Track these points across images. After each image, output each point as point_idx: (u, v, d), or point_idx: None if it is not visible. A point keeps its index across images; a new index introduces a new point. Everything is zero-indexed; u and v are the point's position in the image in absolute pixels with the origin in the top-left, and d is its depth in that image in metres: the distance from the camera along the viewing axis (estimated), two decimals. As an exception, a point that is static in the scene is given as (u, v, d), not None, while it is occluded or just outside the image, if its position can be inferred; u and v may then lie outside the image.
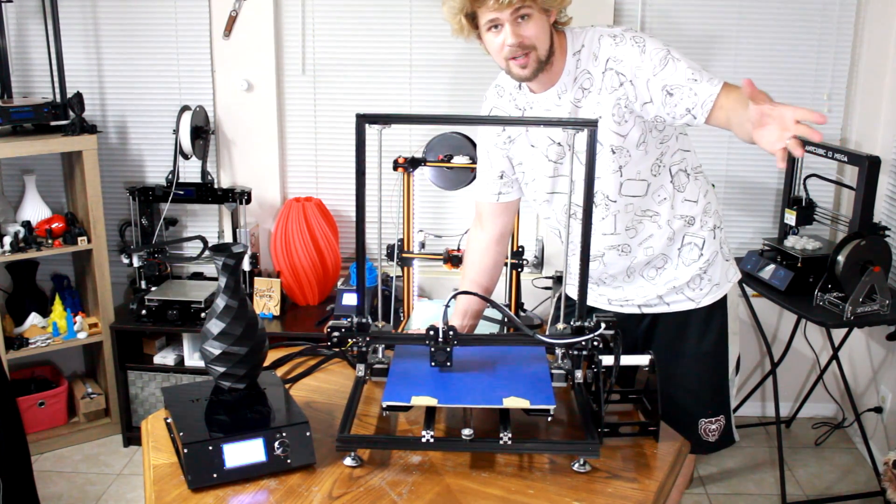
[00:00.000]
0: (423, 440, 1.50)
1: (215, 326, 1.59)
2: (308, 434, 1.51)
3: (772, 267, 2.94)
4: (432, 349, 1.66)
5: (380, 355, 1.83)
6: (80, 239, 3.18)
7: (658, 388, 1.63)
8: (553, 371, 1.74)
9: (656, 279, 1.95)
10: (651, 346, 2.01)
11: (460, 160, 2.87)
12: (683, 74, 1.68)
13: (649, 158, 1.81)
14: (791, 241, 2.98)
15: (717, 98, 1.65)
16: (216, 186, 3.34)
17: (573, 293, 2.02)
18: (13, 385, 2.93)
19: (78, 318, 3.28)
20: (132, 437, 3.32)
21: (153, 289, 3.33)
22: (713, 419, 2.03)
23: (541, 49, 1.72)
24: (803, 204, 3.02)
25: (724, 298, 1.99)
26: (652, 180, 1.84)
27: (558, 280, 3.30)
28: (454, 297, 1.79)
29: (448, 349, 1.66)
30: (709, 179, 1.99)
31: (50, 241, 3.14)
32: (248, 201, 3.34)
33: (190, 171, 3.32)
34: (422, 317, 2.84)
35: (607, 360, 1.62)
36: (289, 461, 1.49)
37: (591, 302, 2.01)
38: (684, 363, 1.98)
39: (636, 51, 1.71)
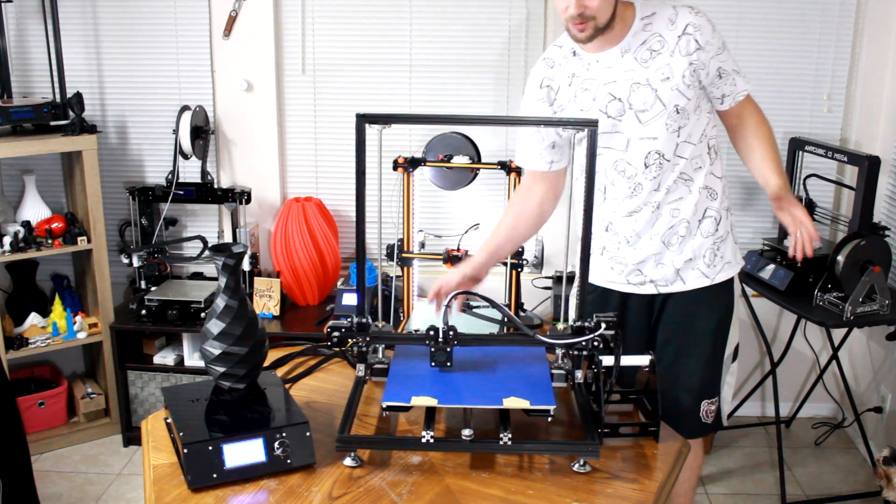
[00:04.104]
0: (423, 440, 1.50)
1: (215, 326, 1.59)
2: (308, 434, 1.51)
3: (772, 267, 2.94)
4: (432, 349, 1.66)
5: (380, 355, 1.83)
6: (79, 239, 3.18)
7: (658, 388, 1.63)
8: (553, 371, 1.74)
9: (675, 247, 2.00)
10: (663, 326, 2.09)
11: (460, 160, 2.87)
12: (731, 65, 1.94)
13: (700, 125, 1.95)
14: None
15: (746, 97, 1.97)
16: (216, 186, 3.34)
17: (594, 277, 2.10)
18: (13, 385, 2.93)
19: (78, 318, 3.28)
20: (132, 437, 3.32)
21: (153, 289, 3.32)
22: (711, 400, 2.09)
23: (600, 19, 1.82)
24: (803, 204, 3.02)
25: (732, 280, 2.07)
26: (698, 146, 1.96)
27: (558, 280, 3.30)
28: (454, 296, 1.79)
29: (448, 349, 1.66)
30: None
31: (50, 241, 3.14)
32: (248, 201, 3.34)
33: (190, 171, 3.32)
34: (422, 317, 2.84)
35: (607, 360, 1.62)
36: (289, 461, 1.49)
37: (608, 283, 2.09)
38: (694, 342, 2.05)
39: (710, 27, 1.89)
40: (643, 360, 1.67)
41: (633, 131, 1.92)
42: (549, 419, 1.57)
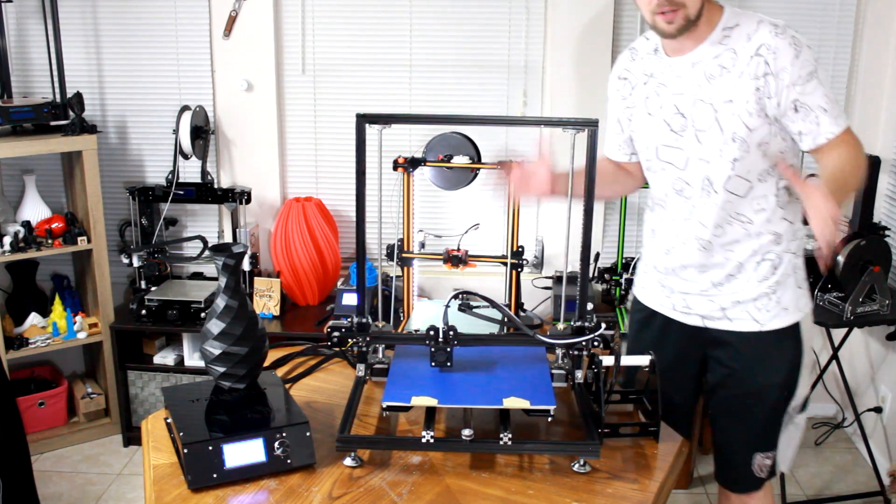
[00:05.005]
0: (423, 440, 1.50)
1: (215, 326, 1.59)
2: (308, 434, 1.51)
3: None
4: (432, 349, 1.66)
5: (380, 355, 1.83)
6: (80, 239, 3.18)
7: (658, 388, 1.63)
8: (553, 371, 1.74)
9: (724, 286, 1.83)
10: (714, 369, 1.92)
11: (460, 160, 2.87)
12: (817, 100, 1.66)
13: (764, 162, 1.74)
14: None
15: (833, 139, 1.67)
16: (216, 186, 3.34)
17: (643, 295, 2.00)
18: (13, 385, 2.93)
19: (78, 318, 3.28)
20: (132, 437, 3.32)
21: (153, 289, 3.32)
22: (768, 454, 1.90)
23: (691, 7, 1.66)
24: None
25: (797, 328, 1.84)
26: (756, 185, 1.75)
27: (558, 280, 3.30)
28: (454, 297, 1.79)
29: (448, 349, 1.66)
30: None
31: (50, 241, 3.14)
32: (248, 201, 3.34)
33: (190, 171, 3.32)
34: (422, 317, 2.84)
35: (607, 360, 1.62)
36: (289, 461, 1.49)
37: (654, 305, 1.97)
38: (750, 393, 1.86)
39: (791, 52, 1.65)
40: (643, 360, 1.67)
41: (692, 150, 1.77)
42: (549, 419, 1.57)
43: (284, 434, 1.49)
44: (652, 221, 1.96)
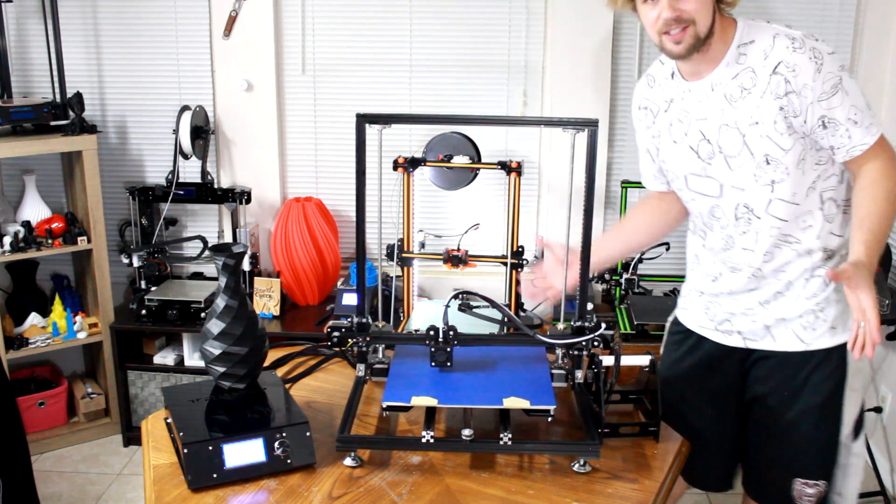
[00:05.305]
0: (423, 440, 1.50)
1: (215, 326, 1.59)
2: (308, 434, 1.51)
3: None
4: (432, 349, 1.66)
5: (380, 355, 1.83)
6: (80, 239, 3.18)
7: (658, 389, 1.63)
8: (553, 371, 1.74)
9: (770, 304, 1.75)
10: (755, 391, 1.82)
11: (460, 160, 2.87)
12: (846, 112, 1.57)
13: (806, 180, 1.64)
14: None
15: (867, 150, 1.59)
16: (216, 186, 3.34)
17: (685, 317, 1.93)
18: (13, 385, 2.93)
19: (78, 318, 3.28)
20: (132, 437, 3.32)
21: (153, 289, 3.32)
22: (812, 482, 1.76)
23: (700, 25, 1.56)
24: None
25: (843, 348, 1.72)
26: (804, 203, 1.66)
27: (558, 280, 3.29)
28: (454, 297, 1.79)
29: (448, 349, 1.66)
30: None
31: (50, 241, 3.14)
32: (248, 201, 3.34)
33: (190, 171, 3.32)
34: (422, 317, 2.84)
35: (607, 360, 1.62)
36: (289, 461, 1.49)
37: (694, 326, 1.90)
38: (789, 415, 1.76)
39: (812, 67, 1.55)
40: (643, 360, 1.67)
41: (724, 177, 1.68)
42: (549, 419, 1.57)
43: (284, 434, 1.49)
44: (695, 247, 1.88)
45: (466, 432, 1.50)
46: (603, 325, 1.62)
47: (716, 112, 1.65)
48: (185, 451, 1.44)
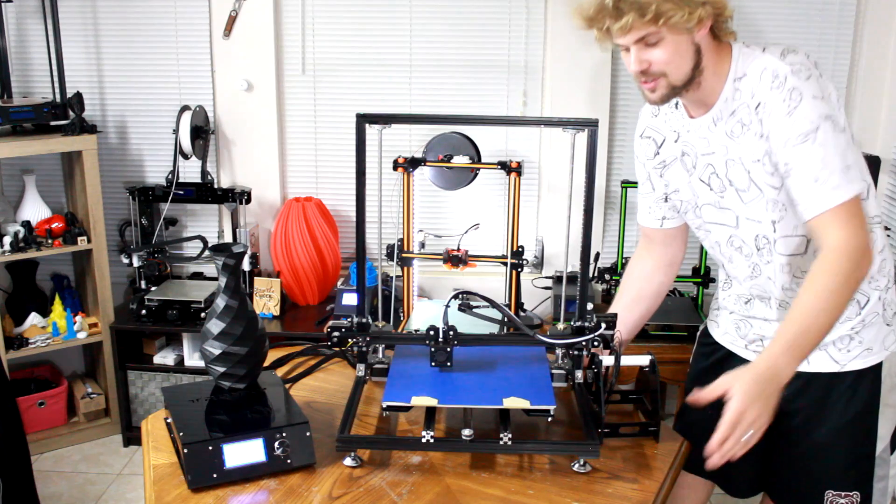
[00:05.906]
0: (423, 440, 1.50)
1: (215, 326, 1.59)
2: (308, 434, 1.51)
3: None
4: (432, 349, 1.66)
5: (380, 355, 1.83)
6: (79, 239, 3.18)
7: (658, 389, 1.63)
8: (553, 371, 1.74)
9: None
10: (784, 408, 1.63)
11: (460, 160, 2.87)
12: (810, 166, 1.46)
13: None
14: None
15: (826, 213, 1.46)
16: (216, 186, 3.34)
17: (715, 331, 1.88)
18: (13, 385, 2.93)
19: (78, 318, 3.28)
20: (132, 437, 3.32)
21: (153, 289, 3.32)
22: (844, 493, 1.71)
23: (673, 75, 1.53)
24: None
25: (878, 368, 1.68)
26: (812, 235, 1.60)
27: (558, 280, 3.29)
28: (454, 297, 1.79)
29: (448, 349, 1.66)
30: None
31: (50, 241, 3.14)
32: (248, 201, 3.34)
33: (190, 171, 3.32)
34: (422, 317, 2.84)
35: (607, 360, 1.62)
36: (289, 461, 1.49)
37: (725, 342, 1.86)
38: (823, 432, 1.70)
39: (782, 109, 1.48)
40: (643, 360, 1.67)
41: (739, 209, 1.64)
42: (549, 419, 1.57)
43: (284, 434, 1.49)
44: (723, 271, 1.85)
45: (466, 432, 1.50)
46: (603, 325, 1.62)
47: (721, 147, 1.62)
48: (185, 451, 1.44)
